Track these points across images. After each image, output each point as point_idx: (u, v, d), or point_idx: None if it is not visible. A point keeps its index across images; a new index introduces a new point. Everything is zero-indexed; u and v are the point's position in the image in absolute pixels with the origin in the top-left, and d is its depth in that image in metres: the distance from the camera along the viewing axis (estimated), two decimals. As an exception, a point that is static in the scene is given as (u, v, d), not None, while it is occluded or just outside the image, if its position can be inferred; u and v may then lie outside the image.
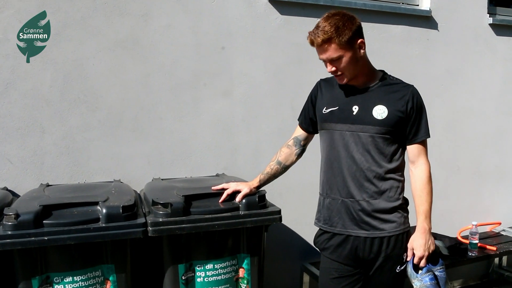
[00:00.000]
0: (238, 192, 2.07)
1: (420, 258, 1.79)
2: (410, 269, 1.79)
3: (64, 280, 1.81)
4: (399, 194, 1.85)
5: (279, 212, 2.09)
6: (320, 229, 1.96)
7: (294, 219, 2.94)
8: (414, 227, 1.86)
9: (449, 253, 3.03)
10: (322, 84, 1.99)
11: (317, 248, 1.99)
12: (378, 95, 1.83)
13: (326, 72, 2.02)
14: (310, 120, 2.01)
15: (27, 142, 2.39)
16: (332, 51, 1.73)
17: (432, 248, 1.81)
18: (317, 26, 1.73)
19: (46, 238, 1.71)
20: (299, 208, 2.92)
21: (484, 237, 3.40)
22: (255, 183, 2.11)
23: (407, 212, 1.90)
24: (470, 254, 3.09)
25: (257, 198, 2.06)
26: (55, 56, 2.40)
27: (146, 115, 2.60)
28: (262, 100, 2.87)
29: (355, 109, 1.83)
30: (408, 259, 1.83)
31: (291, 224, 2.98)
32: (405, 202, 1.90)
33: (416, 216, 1.85)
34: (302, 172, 2.68)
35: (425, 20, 3.28)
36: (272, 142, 2.83)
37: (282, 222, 2.88)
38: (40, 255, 1.77)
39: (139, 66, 2.56)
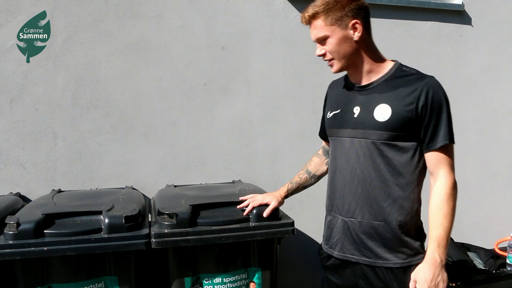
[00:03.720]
0: (265, 205, 1.89)
1: None
2: None
3: (66, 292, 1.75)
4: (410, 216, 1.54)
5: (292, 224, 1.94)
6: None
7: (315, 226, 2.81)
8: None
9: (485, 267, 2.80)
10: (330, 86, 1.80)
11: None
12: (383, 92, 1.52)
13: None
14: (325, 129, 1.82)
15: (39, 148, 2.37)
16: (318, 29, 1.51)
17: (441, 286, 1.44)
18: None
19: (45, 248, 1.66)
20: (321, 215, 2.76)
21: (524, 249, 3.13)
22: (282, 193, 1.92)
23: (420, 239, 1.59)
24: (509, 268, 2.86)
25: (268, 208, 1.93)
26: (67, 60, 2.37)
27: (160, 120, 2.53)
28: (281, 102, 2.74)
29: (356, 110, 1.56)
30: None
31: (312, 233, 2.85)
32: (419, 226, 1.60)
33: (428, 241, 1.51)
34: (324, 179, 2.53)
35: (457, 15, 3.07)
36: (291, 147, 2.71)
37: (302, 230, 2.80)
38: (41, 266, 1.72)
39: (152, 69, 2.49)
